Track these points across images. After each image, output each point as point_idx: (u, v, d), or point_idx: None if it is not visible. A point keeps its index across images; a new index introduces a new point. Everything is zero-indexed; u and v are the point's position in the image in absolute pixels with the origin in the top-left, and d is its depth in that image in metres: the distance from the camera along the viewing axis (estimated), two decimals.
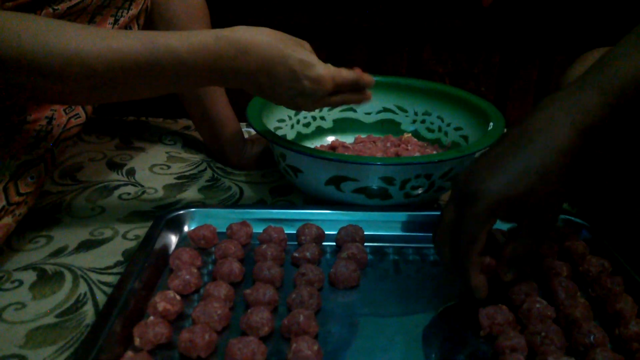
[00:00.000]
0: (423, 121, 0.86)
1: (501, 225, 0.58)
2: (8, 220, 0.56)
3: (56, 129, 0.61)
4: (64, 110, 0.61)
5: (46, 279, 0.58)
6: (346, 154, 0.78)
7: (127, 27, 0.65)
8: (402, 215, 0.66)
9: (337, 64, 0.60)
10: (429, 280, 0.59)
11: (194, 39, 0.53)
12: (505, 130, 0.69)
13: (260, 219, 0.66)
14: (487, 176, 0.48)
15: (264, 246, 0.60)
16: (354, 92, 0.61)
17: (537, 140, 0.48)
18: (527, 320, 0.50)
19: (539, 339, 0.47)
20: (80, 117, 0.62)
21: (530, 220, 0.50)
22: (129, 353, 0.45)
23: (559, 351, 0.46)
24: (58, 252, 0.63)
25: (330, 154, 0.66)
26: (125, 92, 0.55)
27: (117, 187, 0.78)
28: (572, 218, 0.65)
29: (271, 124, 0.76)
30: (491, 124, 0.71)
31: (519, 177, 0.47)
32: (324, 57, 0.59)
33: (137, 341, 0.48)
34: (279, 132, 0.79)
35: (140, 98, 0.57)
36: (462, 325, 0.52)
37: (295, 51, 0.56)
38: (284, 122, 0.82)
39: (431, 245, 0.63)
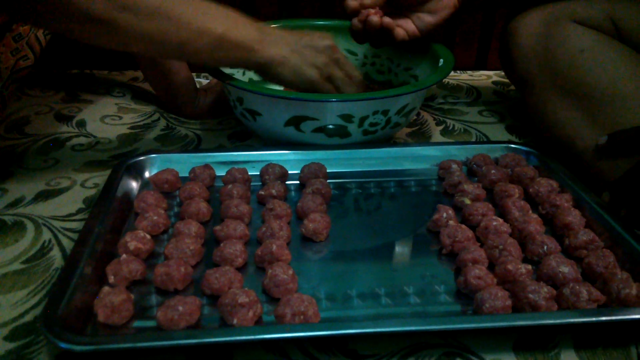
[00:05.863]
0: (373, 63, 0.87)
1: None
2: None
3: (4, 72, 0.58)
4: (11, 52, 0.58)
5: (6, 229, 0.57)
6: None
7: None
8: (361, 152, 0.68)
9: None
10: (390, 210, 0.62)
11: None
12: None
13: (221, 162, 0.66)
14: None
15: (230, 186, 0.60)
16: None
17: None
18: (484, 237, 0.54)
19: (497, 252, 0.51)
20: (28, 58, 0.60)
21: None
22: (106, 288, 0.45)
23: (517, 260, 0.49)
24: (15, 203, 0.61)
25: (290, 93, 0.66)
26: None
27: (69, 138, 0.76)
28: (522, 147, 0.69)
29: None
30: (441, 60, 0.73)
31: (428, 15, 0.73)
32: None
33: (111, 279, 0.48)
34: None
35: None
36: (424, 246, 0.55)
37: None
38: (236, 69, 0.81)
39: (391, 179, 0.66)
